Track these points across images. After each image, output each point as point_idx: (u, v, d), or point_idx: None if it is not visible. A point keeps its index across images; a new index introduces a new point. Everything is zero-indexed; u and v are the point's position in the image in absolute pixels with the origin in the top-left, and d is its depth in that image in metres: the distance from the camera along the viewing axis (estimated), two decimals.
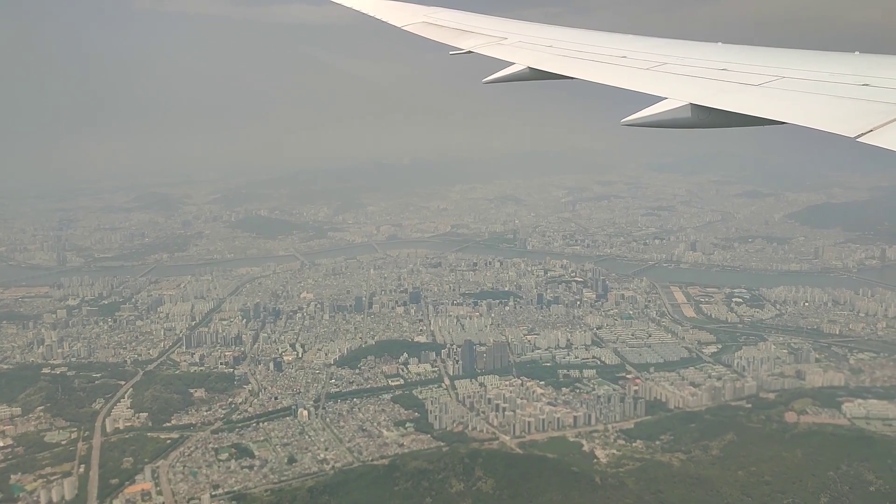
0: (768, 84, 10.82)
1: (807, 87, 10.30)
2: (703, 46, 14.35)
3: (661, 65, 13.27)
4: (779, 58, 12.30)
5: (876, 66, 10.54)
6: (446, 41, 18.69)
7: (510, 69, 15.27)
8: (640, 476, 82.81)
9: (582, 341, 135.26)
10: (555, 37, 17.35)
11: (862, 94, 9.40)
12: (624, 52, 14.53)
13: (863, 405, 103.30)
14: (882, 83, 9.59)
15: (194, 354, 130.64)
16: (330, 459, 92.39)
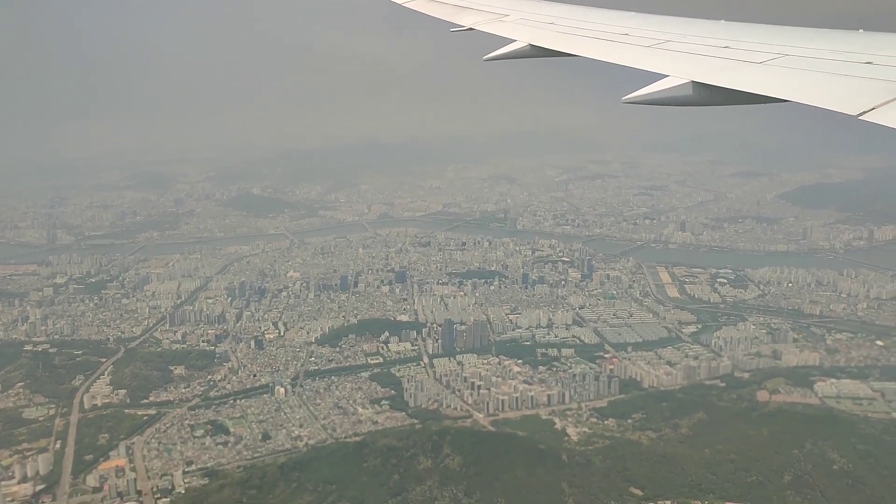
0: (771, 62, 10.70)
1: (810, 64, 10.18)
2: (706, 24, 14.21)
3: (664, 42, 13.15)
4: (782, 35, 12.18)
5: (880, 43, 10.44)
6: (447, 18, 18.60)
7: (511, 46, 15.17)
8: (608, 454, 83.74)
9: (563, 321, 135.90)
10: (556, 14, 17.23)
11: (865, 73, 9.27)
12: (626, 30, 14.39)
13: (835, 385, 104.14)
14: (886, 61, 9.45)
15: (177, 332, 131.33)
16: (304, 436, 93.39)
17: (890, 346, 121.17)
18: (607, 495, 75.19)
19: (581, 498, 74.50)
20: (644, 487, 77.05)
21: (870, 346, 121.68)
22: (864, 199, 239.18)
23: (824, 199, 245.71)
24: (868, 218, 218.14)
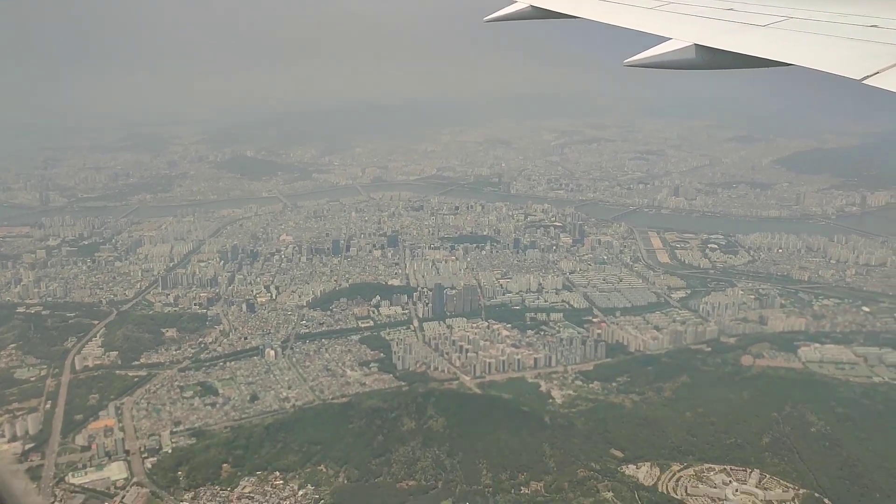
0: (775, 25, 10.55)
1: (814, 27, 10.02)
2: None
3: (666, 4, 12.95)
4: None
5: (886, 7, 10.30)
6: None
7: (512, 7, 15.02)
8: (591, 416, 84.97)
9: (553, 285, 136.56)
10: None
11: (870, 36, 9.11)
12: None
13: (818, 349, 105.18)
14: (891, 24, 9.30)
15: (169, 295, 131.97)
16: (292, 398, 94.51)
17: (876, 312, 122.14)
18: (588, 457, 76.44)
19: (562, 459, 75.75)
20: (625, 449, 78.34)
21: (856, 312, 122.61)
22: (859, 165, 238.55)
23: (820, 164, 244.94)
24: (862, 184, 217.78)
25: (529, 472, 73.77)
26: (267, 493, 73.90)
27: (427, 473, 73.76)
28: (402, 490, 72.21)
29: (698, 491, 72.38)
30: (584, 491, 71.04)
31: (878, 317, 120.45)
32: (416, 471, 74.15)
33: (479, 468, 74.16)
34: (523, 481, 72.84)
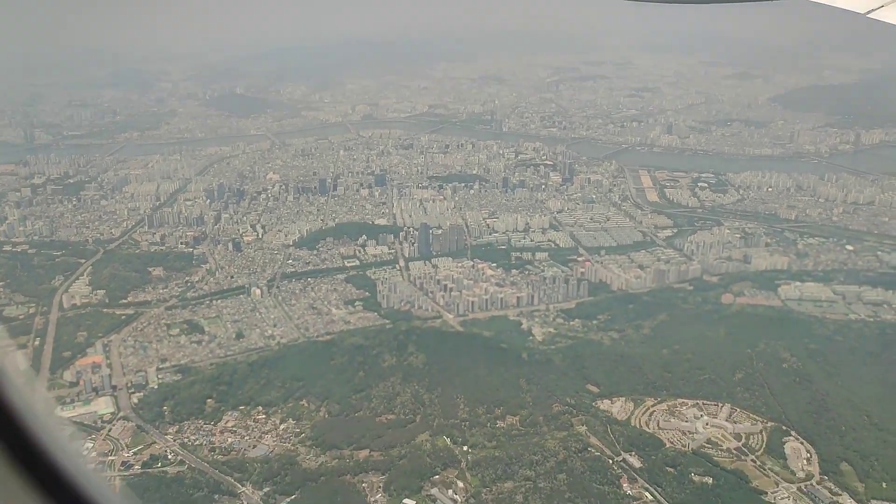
0: None
1: None
2: None
3: None
4: None
5: None
6: None
7: None
8: (569, 353, 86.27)
9: (540, 225, 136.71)
10: None
11: None
12: None
13: (798, 288, 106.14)
14: None
15: (155, 234, 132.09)
16: (277, 335, 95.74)
17: (859, 251, 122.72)
18: (564, 392, 77.95)
19: (538, 394, 77.25)
20: (600, 385, 79.81)
21: (839, 251, 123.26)
22: (855, 102, 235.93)
23: (816, 102, 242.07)
24: (857, 122, 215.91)
25: (505, 407, 75.32)
26: (249, 426, 75.56)
27: (406, 408, 75.28)
28: (381, 424, 73.82)
29: (670, 425, 74.08)
30: (559, 425, 72.68)
31: (861, 255, 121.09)
32: (396, 405, 75.66)
33: (456, 403, 75.67)
34: (499, 415, 74.44)
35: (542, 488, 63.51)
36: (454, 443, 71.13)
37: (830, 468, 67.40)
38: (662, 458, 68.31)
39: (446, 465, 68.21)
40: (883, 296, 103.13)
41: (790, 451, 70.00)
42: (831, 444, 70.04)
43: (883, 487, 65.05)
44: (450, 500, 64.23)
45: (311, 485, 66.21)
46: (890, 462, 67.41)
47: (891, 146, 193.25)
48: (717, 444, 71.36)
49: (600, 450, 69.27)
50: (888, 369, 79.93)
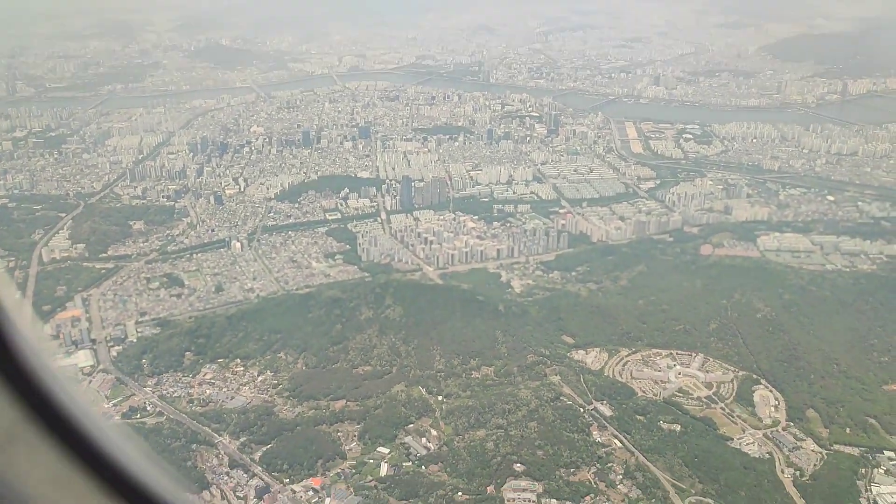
0: None
1: None
2: None
3: None
4: None
5: None
6: None
7: None
8: (545, 304, 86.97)
9: (523, 177, 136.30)
10: None
11: None
12: None
13: (777, 238, 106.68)
14: None
15: (137, 188, 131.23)
16: (256, 289, 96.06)
17: (840, 201, 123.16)
18: (539, 343, 78.82)
19: (514, 345, 78.11)
20: (576, 336, 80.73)
21: (820, 202, 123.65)
22: (846, 51, 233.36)
23: (806, 51, 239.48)
24: (846, 71, 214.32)
25: (481, 358, 76.21)
26: (227, 378, 76.34)
27: (382, 359, 76.12)
28: (358, 375, 74.72)
29: (642, 374, 75.18)
30: (532, 375, 73.67)
31: (842, 205, 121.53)
32: (372, 357, 76.48)
33: (432, 354, 76.51)
34: (475, 366, 75.35)
35: (513, 436, 64.70)
36: (429, 393, 72.15)
37: (797, 415, 68.81)
38: (633, 406, 69.51)
39: (421, 415, 69.33)
40: (860, 246, 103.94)
41: (759, 398, 71.31)
42: (799, 392, 71.36)
43: (847, 433, 66.55)
44: (423, 447, 65.40)
45: (287, 434, 67.25)
46: (855, 408, 68.82)
47: (878, 96, 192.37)
48: (688, 392, 72.59)
49: (572, 399, 70.38)
50: (859, 318, 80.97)
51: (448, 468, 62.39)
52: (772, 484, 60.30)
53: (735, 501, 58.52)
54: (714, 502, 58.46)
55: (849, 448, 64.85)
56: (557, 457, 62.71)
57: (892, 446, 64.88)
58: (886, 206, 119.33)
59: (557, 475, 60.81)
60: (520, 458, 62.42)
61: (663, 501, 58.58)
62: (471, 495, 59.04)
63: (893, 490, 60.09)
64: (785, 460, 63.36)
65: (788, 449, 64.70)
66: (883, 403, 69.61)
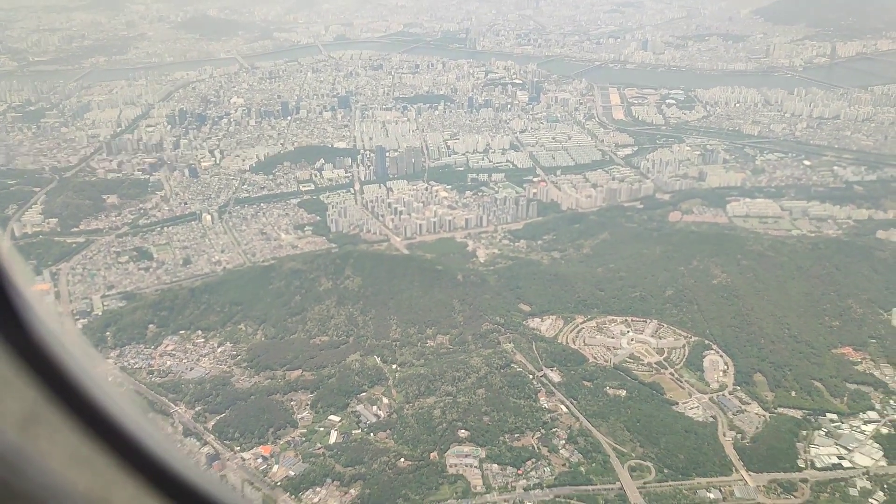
0: None
1: None
2: None
3: None
4: None
5: None
6: None
7: None
8: (505, 273, 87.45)
9: (500, 145, 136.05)
10: None
11: None
12: None
13: (747, 204, 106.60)
14: None
15: (113, 161, 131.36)
16: (223, 261, 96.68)
17: (816, 166, 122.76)
18: (496, 311, 79.40)
19: (471, 313, 78.73)
20: (533, 304, 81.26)
21: (796, 166, 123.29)
22: (838, 13, 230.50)
23: (799, 14, 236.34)
24: (838, 33, 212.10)
25: (437, 327, 76.94)
26: (188, 350, 77.31)
27: (339, 330, 76.92)
28: (315, 345, 75.60)
29: (595, 341, 75.83)
30: (486, 343, 74.37)
31: (818, 170, 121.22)
32: (329, 327, 77.27)
33: (389, 324, 77.25)
34: (430, 335, 76.11)
35: (461, 403, 65.60)
36: (384, 362, 73.02)
37: (744, 379, 69.51)
38: (582, 372, 70.28)
39: (374, 383, 70.24)
40: (830, 210, 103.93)
41: (708, 363, 71.98)
42: (748, 357, 71.98)
43: (792, 396, 67.26)
44: (373, 415, 66.41)
45: (241, 403, 68.30)
46: (802, 372, 69.45)
47: (868, 58, 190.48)
48: (639, 358, 73.29)
49: (523, 366, 71.15)
50: (814, 283, 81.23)
51: (395, 435, 63.42)
52: (712, 447, 61.17)
53: (674, 464, 59.45)
54: (653, 465, 59.44)
55: (792, 411, 65.64)
56: (503, 423, 63.67)
57: (835, 409, 65.68)
58: (861, 171, 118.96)
59: (501, 441, 61.82)
60: (465, 424, 63.39)
61: (603, 465, 59.52)
62: (414, 461, 60.12)
63: (831, 451, 60.94)
64: (728, 423, 64.18)
65: (732, 412, 65.51)
66: (830, 367, 70.17)
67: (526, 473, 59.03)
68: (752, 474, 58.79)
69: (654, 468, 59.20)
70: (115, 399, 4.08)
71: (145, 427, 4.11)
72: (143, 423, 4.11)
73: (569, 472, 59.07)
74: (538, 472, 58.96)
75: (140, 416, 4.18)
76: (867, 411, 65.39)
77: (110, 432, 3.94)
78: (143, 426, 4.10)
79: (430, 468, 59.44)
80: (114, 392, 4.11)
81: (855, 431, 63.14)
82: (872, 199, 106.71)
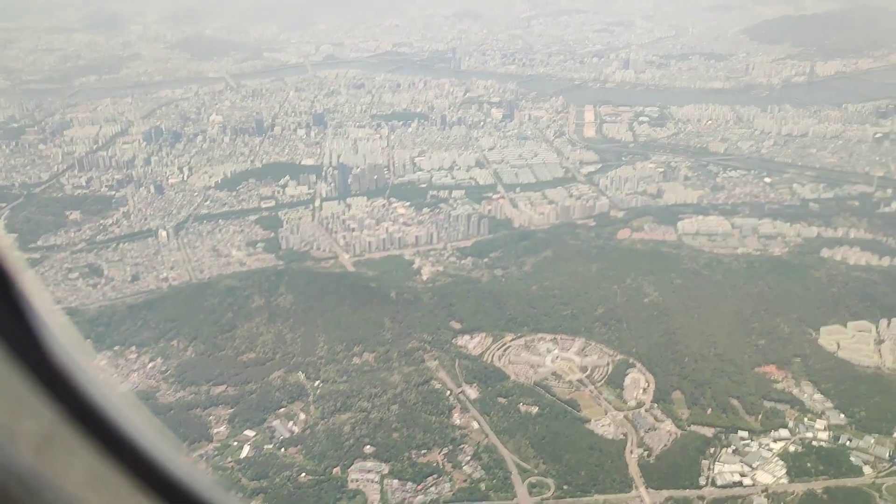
0: None
1: None
2: None
3: None
4: None
5: None
6: None
7: None
8: (442, 291, 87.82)
9: (466, 163, 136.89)
10: None
11: None
12: None
13: (699, 221, 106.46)
14: None
15: (82, 178, 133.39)
16: (171, 278, 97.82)
17: (776, 183, 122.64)
18: (426, 329, 79.72)
19: (400, 331, 79.14)
20: (464, 321, 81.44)
21: (756, 184, 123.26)
22: (823, 32, 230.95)
23: (785, 33, 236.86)
24: (821, 52, 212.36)
25: (364, 344, 77.35)
26: (120, 365, 78.12)
27: (267, 347, 77.54)
28: (241, 362, 76.25)
29: (520, 359, 75.91)
30: (411, 360, 74.70)
31: (777, 187, 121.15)
32: (258, 344, 77.91)
33: (317, 341, 77.76)
34: (357, 353, 76.49)
35: (373, 419, 65.97)
36: (308, 378, 73.55)
37: (663, 396, 69.39)
38: (500, 389, 70.42)
39: (294, 399, 70.77)
40: (780, 228, 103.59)
41: (630, 381, 71.87)
42: (670, 375, 71.83)
43: (707, 414, 67.07)
44: (288, 430, 66.92)
45: (161, 417, 68.72)
46: (721, 389, 69.25)
47: (846, 77, 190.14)
48: (561, 376, 73.28)
49: (443, 383, 71.43)
50: (745, 302, 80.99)
51: (305, 450, 63.92)
52: (615, 464, 61.12)
53: (574, 481, 59.48)
54: (553, 481, 59.44)
55: (705, 428, 65.48)
56: (411, 439, 63.95)
57: (747, 426, 65.42)
58: (819, 188, 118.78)
59: (406, 456, 62.07)
60: (373, 440, 63.74)
61: (503, 481, 59.61)
62: (316, 476, 60.49)
63: (735, 469, 60.74)
64: (637, 441, 64.09)
65: (644, 430, 65.41)
66: (749, 385, 69.91)
67: (426, 489, 59.25)
68: (650, 491, 58.68)
69: (553, 484, 59.28)
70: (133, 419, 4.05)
71: (163, 448, 4.09)
72: (160, 445, 4.09)
73: (468, 487, 59.25)
74: (438, 488, 59.21)
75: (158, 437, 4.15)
76: (779, 429, 65.11)
77: (127, 453, 3.91)
78: (160, 447, 4.07)
79: (330, 483, 59.85)
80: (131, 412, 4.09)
81: (763, 449, 62.88)
82: (825, 217, 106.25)
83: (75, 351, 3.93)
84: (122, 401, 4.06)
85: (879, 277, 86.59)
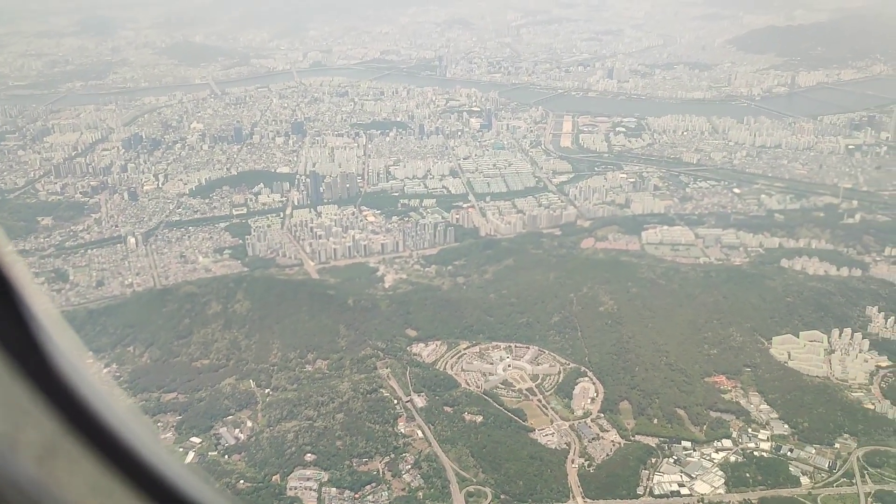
0: None
1: None
2: None
3: None
4: None
5: None
6: None
7: None
8: (401, 299, 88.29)
9: (440, 171, 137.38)
10: None
11: None
12: None
13: (663, 231, 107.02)
14: None
15: (57, 184, 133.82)
16: (135, 284, 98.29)
17: (745, 194, 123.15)
18: (381, 336, 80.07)
19: (355, 338, 79.48)
20: (420, 329, 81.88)
21: (725, 194, 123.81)
22: (809, 43, 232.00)
23: (770, 43, 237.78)
24: (805, 63, 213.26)
25: (318, 352, 77.71)
26: None
27: (220, 353, 77.87)
28: (195, 368, 76.59)
29: (472, 367, 76.24)
30: (363, 368, 74.97)
31: (745, 198, 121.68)
32: (212, 351, 78.26)
33: (271, 348, 78.16)
34: (310, 360, 76.87)
35: (318, 427, 66.24)
36: (258, 386, 73.86)
37: (610, 406, 69.67)
38: (448, 398, 70.69)
39: (242, 407, 71.10)
40: (743, 238, 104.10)
41: (579, 390, 72.15)
42: (620, 384, 72.11)
43: (653, 423, 67.34)
44: (234, 438, 67.16)
45: None
46: (668, 399, 69.52)
47: (827, 88, 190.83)
48: (511, 384, 73.63)
49: (392, 391, 71.68)
50: (700, 311, 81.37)
51: (248, 458, 64.18)
52: (554, 474, 61.34)
53: (512, 490, 59.68)
54: (491, 491, 59.67)
55: (649, 438, 65.76)
56: (354, 447, 64.19)
57: (691, 436, 65.71)
58: (786, 199, 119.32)
59: (347, 465, 62.31)
60: (315, 448, 63.98)
61: (441, 490, 59.83)
62: (255, 483, 60.73)
63: (674, 479, 60.99)
64: (580, 451, 64.33)
65: (588, 440, 65.67)
66: (698, 395, 70.19)
67: (363, 498, 59.47)
68: (588, 501, 58.91)
69: (491, 494, 59.49)
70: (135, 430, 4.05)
71: (165, 458, 4.09)
72: (163, 455, 4.10)
73: (406, 496, 59.48)
74: (375, 497, 59.44)
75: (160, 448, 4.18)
76: (722, 439, 65.41)
77: (129, 463, 3.92)
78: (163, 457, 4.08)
79: (268, 491, 60.08)
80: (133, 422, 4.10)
81: (704, 459, 63.15)
82: (788, 228, 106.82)
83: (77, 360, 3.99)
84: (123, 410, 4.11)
85: (835, 288, 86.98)
